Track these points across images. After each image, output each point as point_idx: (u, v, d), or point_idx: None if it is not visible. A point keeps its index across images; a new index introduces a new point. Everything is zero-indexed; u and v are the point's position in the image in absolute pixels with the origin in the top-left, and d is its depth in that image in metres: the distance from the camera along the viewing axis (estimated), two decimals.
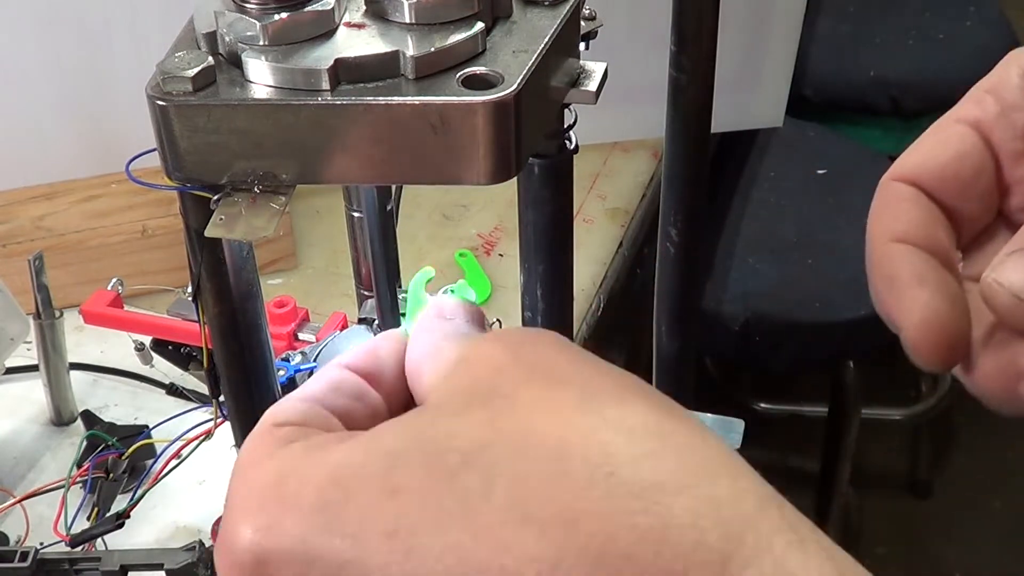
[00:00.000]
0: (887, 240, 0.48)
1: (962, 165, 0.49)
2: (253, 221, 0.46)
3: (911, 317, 0.45)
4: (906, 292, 0.46)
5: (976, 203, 0.49)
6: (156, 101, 0.45)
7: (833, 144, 1.77)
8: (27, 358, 0.94)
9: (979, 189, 0.49)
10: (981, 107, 0.50)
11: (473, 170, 0.45)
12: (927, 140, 0.50)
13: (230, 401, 0.58)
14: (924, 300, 0.45)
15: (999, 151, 0.49)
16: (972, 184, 0.49)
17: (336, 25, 0.46)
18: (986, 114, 0.50)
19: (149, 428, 0.86)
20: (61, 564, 0.68)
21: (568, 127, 0.53)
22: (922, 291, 0.46)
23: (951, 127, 0.50)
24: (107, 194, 1.08)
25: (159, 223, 1.06)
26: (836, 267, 1.52)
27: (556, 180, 0.53)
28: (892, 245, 0.48)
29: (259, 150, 0.46)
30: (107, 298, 0.85)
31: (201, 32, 0.47)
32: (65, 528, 0.75)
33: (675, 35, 0.68)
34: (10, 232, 1.06)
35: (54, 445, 0.91)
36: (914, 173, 0.49)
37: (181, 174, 0.47)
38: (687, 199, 0.73)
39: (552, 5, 0.48)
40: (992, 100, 0.50)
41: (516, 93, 0.44)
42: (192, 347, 0.80)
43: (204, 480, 0.87)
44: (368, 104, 0.44)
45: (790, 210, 1.62)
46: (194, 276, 0.53)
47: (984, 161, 0.49)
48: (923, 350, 0.45)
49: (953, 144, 0.50)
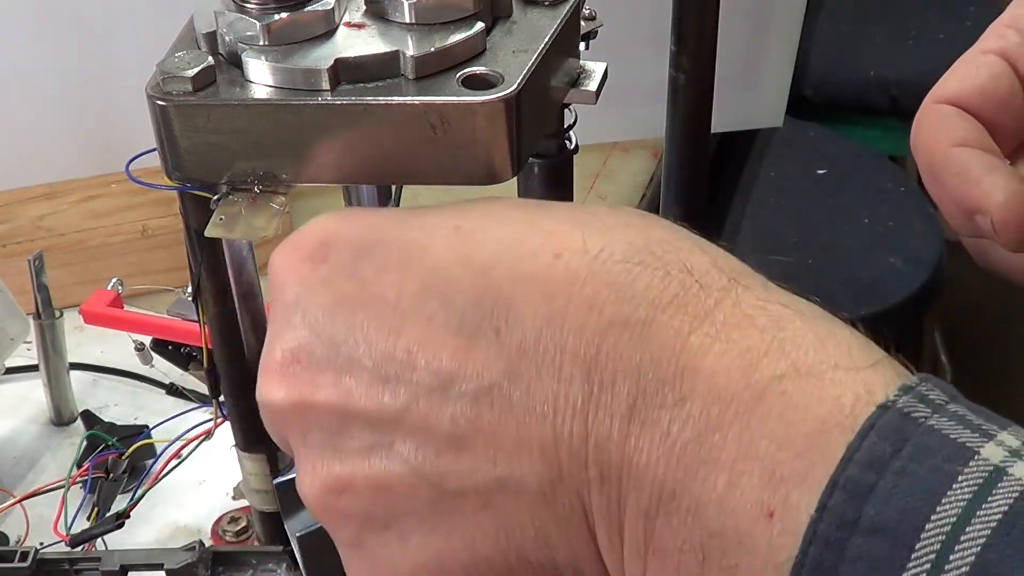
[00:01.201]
0: (948, 147, 0.52)
1: (998, 84, 0.53)
2: (253, 221, 0.46)
3: (995, 197, 0.49)
4: (984, 178, 0.50)
5: (1013, 119, 0.53)
6: (156, 101, 0.45)
7: (833, 144, 1.77)
8: (27, 358, 0.94)
9: (1015, 106, 0.53)
10: (1004, 39, 0.54)
11: (473, 170, 0.45)
12: (960, 68, 0.55)
13: (230, 401, 0.58)
14: (1003, 183, 0.49)
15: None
16: (1009, 101, 0.53)
17: (336, 25, 0.46)
18: (1009, 44, 0.54)
19: (149, 428, 0.86)
20: (61, 564, 0.68)
21: (568, 127, 0.53)
22: (999, 176, 0.50)
23: (979, 57, 0.55)
24: (107, 194, 1.08)
25: (159, 223, 1.06)
26: (836, 267, 1.52)
27: (556, 180, 0.53)
28: (955, 149, 0.52)
29: (259, 150, 0.46)
30: (107, 298, 0.85)
31: (201, 32, 0.47)
32: (65, 528, 0.75)
33: (675, 35, 0.68)
34: (10, 232, 1.06)
35: (54, 445, 0.91)
36: (956, 95, 0.53)
37: (181, 174, 0.47)
38: (687, 199, 0.73)
39: (552, 5, 0.48)
40: (1013, 32, 0.54)
41: (516, 93, 0.44)
42: (192, 347, 0.80)
43: (204, 480, 0.86)
44: (368, 104, 0.44)
45: (790, 210, 1.62)
46: (194, 276, 0.53)
47: (1014, 82, 0.53)
48: (1011, 226, 0.49)
49: (985, 68, 0.54)
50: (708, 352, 0.36)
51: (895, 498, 0.32)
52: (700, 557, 0.35)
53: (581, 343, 0.38)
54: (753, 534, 0.34)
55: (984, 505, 0.32)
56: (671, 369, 0.37)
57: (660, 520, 0.36)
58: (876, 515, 0.32)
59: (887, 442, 0.33)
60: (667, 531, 0.36)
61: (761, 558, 0.34)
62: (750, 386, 0.36)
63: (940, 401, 0.35)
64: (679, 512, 0.36)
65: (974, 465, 0.33)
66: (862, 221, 1.59)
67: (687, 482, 0.36)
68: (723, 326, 0.37)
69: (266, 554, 0.67)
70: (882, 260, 1.53)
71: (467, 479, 0.39)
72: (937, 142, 0.52)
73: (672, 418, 0.36)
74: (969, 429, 0.34)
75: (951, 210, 0.52)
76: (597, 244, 0.39)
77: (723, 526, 0.35)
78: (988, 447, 0.33)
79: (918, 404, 0.34)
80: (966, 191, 0.50)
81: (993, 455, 0.33)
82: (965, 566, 0.31)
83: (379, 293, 0.41)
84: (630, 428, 0.37)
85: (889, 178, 1.65)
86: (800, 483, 0.34)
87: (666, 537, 0.36)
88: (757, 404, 0.35)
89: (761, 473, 0.34)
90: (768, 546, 0.34)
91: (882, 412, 0.34)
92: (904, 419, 0.34)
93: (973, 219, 0.50)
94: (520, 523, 0.39)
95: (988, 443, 0.33)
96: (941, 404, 0.34)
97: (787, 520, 0.34)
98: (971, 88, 0.53)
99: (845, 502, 0.33)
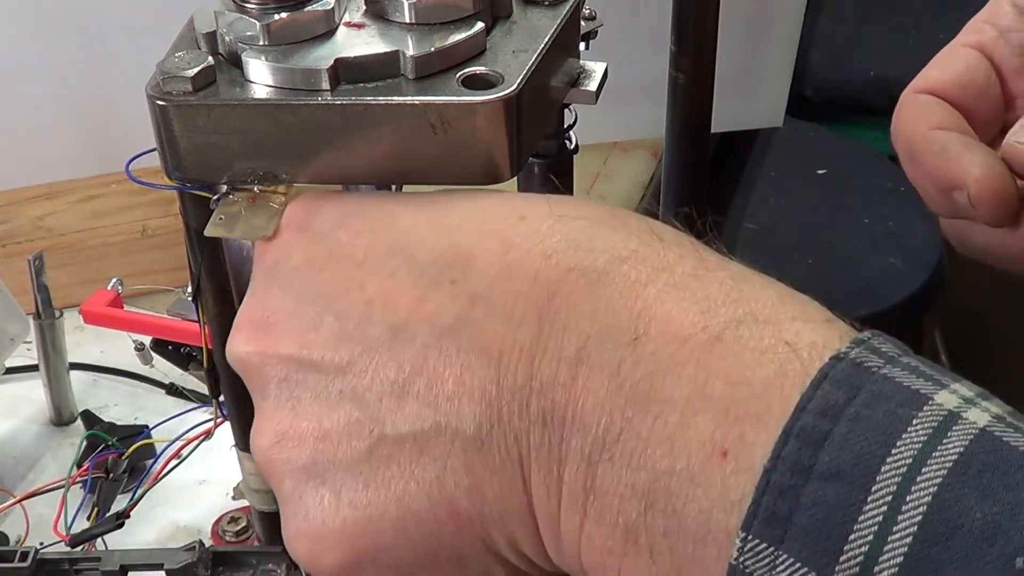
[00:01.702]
0: (927, 129, 0.54)
1: (975, 75, 0.55)
2: (253, 221, 0.46)
3: (972, 172, 0.51)
4: (962, 155, 0.51)
5: (990, 108, 0.55)
6: (156, 101, 0.45)
7: (833, 144, 1.77)
8: (27, 358, 0.94)
9: (992, 96, 0.55)
10: (981, 33, 0.56)
11: (473, 170, 0.45)
12: (939, 61, 0.57)
13: (230, 401, 0.58)
14: (980, 160, 0.51)
15: (1000, 67, 0.56)
16: (985, 90, 0.55)
17: (336, 25, 0.46)
18: (986, 38, 0.56)
19: (149, 428, 0.86)
20: (61, 564, 0.68)
21: (568, 127, 0.53)
22: (976, 154, 0.51)
23: (958, 50, 0.57)
24: (107, 194, 1.08)
25: (159, 223, 1.06)
26: (836, 267, 1.52)
27: (556, 180, 0.53)
28: (934, 131, 0.53)
29: (259, 150, 0.46)
30: (107, 298, 0.85)
31: (201, 32, 0.47)
32: (65, 528, 0.75)
33: (675, 35, 0.68)
34: (10, 232, 1.06)
35: (54, 445, 0.91)
36: (935, 85, 0.56)
37: (181, 174, 0.47)
38: (687, 199, 0.73)
39: (552, 5, 0.48)
40: (990, 27, 0.56)
41: (516, 93, 0.44)
42: (192, 347, 0.80)
43: (204, 480, 0.86)
44: (368, 104, 0.44)
45: (790, 210, 1.62)
46: (194, 276, 0.53)
47: (991, 74, 0.56)
48: (987, 200, 0.50)
49: (963, 60, 0.56)
50: (665, 300, 0.36)
51: (850, 443, 0.32)
52: (642, 505, 0.35)
53: (535, 288, 0.38)
54: (705, 472, 0.34)
55: (939, 447, 0.32)
56: (625, 314, 0.37)
57: (603, 465, 0.36)
58: (831, 461, 0.32)
59: (841, 390, 0.33)
60: (610, 475, 0.36)
61: (711, 497, 0.34)
62: (707, 328, 0.36)
63: (893, 354, 0.35)
64: (624, 454, 0.35)
65: (928, 410, 0.33)
66: (862, 221, 1.59)
67: (635, 421, 0.35)
68: (681, 277, 0.37)
69: (266, 554, 0.67)
70: (882, 260, 1.53)
71: (406, 424, 0.39)
72: (917, 126, 0.54)
73: (622, 358, 0.36)
74: (923, 378, 0.34)
75: (929, 190, 0.53)
76: (562, 209, 0.40)
77: (672, 466, 0.34)
78: (942, 394, 0.33)
79: (871, 355, 0.34)
80: (944, 168, 0.52)
81: (947, 401, 0.33)
82: (922, 506, 0.31)
83: (349, 253, 0.42)
84: (578, 371, 0.37)
85: (889, 178, 1.65)
86: (756, 423, 0.34)
87: (608, 482, 0.36)
88: (714, 345, 0.35)
89: (716, 412, 0.34)
90: (721, 484, 0.34)
91: (835, 363, 0.34)
92: (857, 368, 0.34)
93: (951, 196, 0.52)
94: (454, 471, 0.39)
95: (942, 391, 0.33)
96: (894, 356, 0.35)
97: (741, 459, 0.34)
98: (950, 78, 0.55)
99: (799, 450, 0.33)
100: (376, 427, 0.40)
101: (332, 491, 0.41)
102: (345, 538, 0.41)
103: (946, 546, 0.30)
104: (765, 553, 0.33)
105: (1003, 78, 0.55)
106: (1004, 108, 0.56)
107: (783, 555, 0.32)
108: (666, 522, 0.35)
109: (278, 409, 0.43)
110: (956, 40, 0.57)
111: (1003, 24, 0.56)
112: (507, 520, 0.39)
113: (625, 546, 0.36)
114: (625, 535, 0.36)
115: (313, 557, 0.42)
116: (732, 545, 0.33)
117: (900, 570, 0.31)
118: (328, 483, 0.41)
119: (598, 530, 0.36)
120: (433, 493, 0.40)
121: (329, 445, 0.41)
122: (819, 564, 0.32)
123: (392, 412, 0.40)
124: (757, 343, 0.35)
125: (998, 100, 0.55)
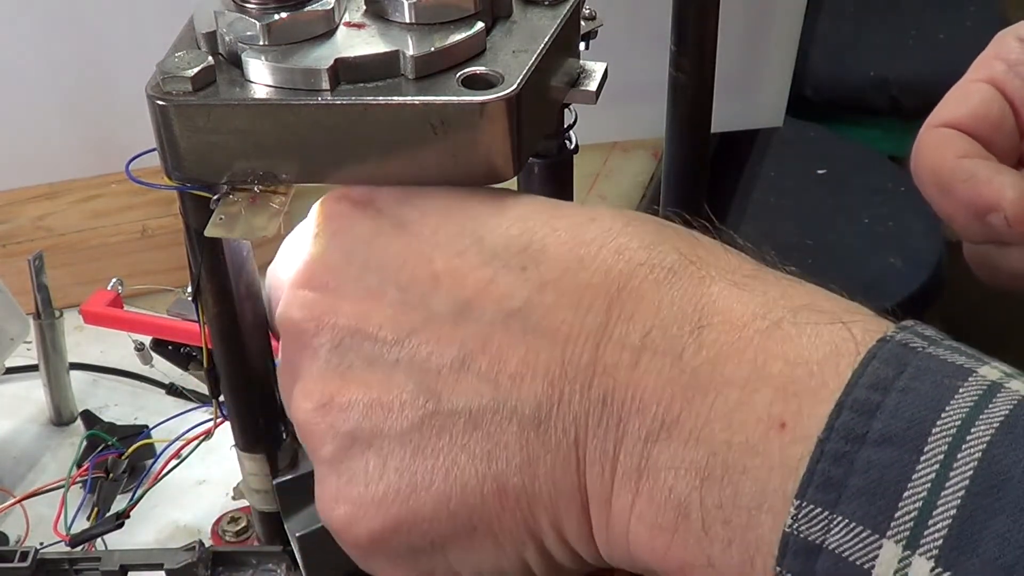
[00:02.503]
0: (954, 159, 0.55)
1: (989, 108, 0.57)
2: (253, 221, 0.46)
3: (1007, 194, 0.52)
4: (994, 179, 0.53)
5: (1006, 139, 0.57)
6: (156, 101, 0.45)
7: (833, 144, 1.77)
8: (27, 358, 0.94)
9: (1007, 127, 0.57)
10: (991, 68, 0.58)
11: (473, 170, 0.45)
12: (953, 96, 0.59)
13: (230, 401, 0.58)
14: (1012, 181, 0.53)
15: (1013, 100, 0.57)
16: (1001, 122, 0.57)
17: (336, 25, 0.46)
18: (996, 72, 0.58)
19: (149, 428, 0.86)
20: (61, 564, 0.68)
21: (568, 127, 0.53)
22: (1007, 176, 0.53)
23: (970, 85, 0.58)
24: (107, 194, 1.08)
25: (159, 223, 1.06)
26: (836, 267, 1.52)
27: (556, 180, 0.53)
28: (960, 160, 0.55)
29: (259, 150, 0.46)
30: (107, 298, 0.85)
31: (201, 32, 0.47)
32: (65, 528, 0.75)
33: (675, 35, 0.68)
34: (10, 232, 1.06)
35: (54, 445, 0.91)
36: (952, 119, 0.57)
37: (181, 174, 0.47)
38: (687, 199, 0.73)
39: (552, 5, 0.48)
40: (999, 62, 0.58)
41: (516, 93, 0.44)
42: (192, 347, 0.80)
43: (204, 480, 0.86)
44: (368, 104, 0.44)
45: (790, 210, 1.62)
46: (194, 276, 0.53)
47: (1004, 106, 0.57)
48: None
49: (977, 94, 0.57)
50: (727, 296, 0.38)
51: (901, 411, 0.34)
52: (698, 479, 0.36)
53: (606, 281, 0.39)
54: (764, 443, 0.35)
55: (986, 410, 0.33)
56: (690, 307, 0.38)
57: (660, 444, 0.37)
58: (883, 428, 0.34)
59: (889, 367, 0.35)
60: (666, 453, 0.37)
61: (770, 465, 0.35)
62: (767, 317, 0.38)
63: (935, 337, 0.37)
64: (682, 432, 0.37)
65: (973, 380, 0.34)
66: (862, 221, 1.59)
67: (695, 402, 0.37)
68: (743, 277, 0.39)
69: (266, 554, 0.67)
70: (882, 260, 1.53)
71: (463, 398, 0.40)
72: (941, 157, 0.55)
73: (685, 345, 0.37)
74: (964, 356, 0.36)
75: (961, 218, 0.54)
76: (630, 216, 0.42)
77: (730, 439, 0.36)
78: (984, 368, 0.35)
79: (915, 337, 0.36)
80: (977, 192, 0.53)
81: (989, 373, 0.35)
82: (972, 461, 0.32)
83: (418, 230, 0.43)
84: (641, 356, 0.38)
85: (889, 178, 1.65)
86: (812, 397, 0.35)
87: (663, 460, 0.37)
88: (773, 331, 0.37)
89: (774, 389, 0.36)
90: (780, 453, 0.35)
91: (882, 344, 0.36)
92: (903, 348, 0.36)
93: (986, 220, 0.53)
94: (508, 447, 0.40)
95: (984, 366, 0.35)
96: (936, 339, 0.37)
97: (799, 430, 0.35)
98: (965, 112, 0.57)
99: (852, 420, 0.34)
100: (431, 399, 0.41)
101: (378, 457, 0.42)
102: (386, 505, 0.42)
103: (996, 496, 0.32)
104: (820, 517, 0.34)
105: (1016, 110, 0.57)
106: (1020, 138, 0.57)
107: (838, 517, 0.33)
108: (722, 493, 0.36)
109: (327, 372, 0.43)
110: (966, 77, 0.58)
111: (1012, 58, 0.58)
112: (556, 500, 0.40)
113: (676, 521, 0.37)
114: (677, 510, 0.37)
115: (349, 522, 0.43)
116: (787, 513, 0.34)
117: (954, 521, 0.32)
118: (374, 449, 0.42)
119: (649, 507, 0.37)
120: (483, 468, 0.40)
121: (380, 413, 0.41)
122: (875, 522, 0.33)
123: (450, 386, 0.40)
124: (813, 328, 0.37)
125: (1013, 131, 0.57)
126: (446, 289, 0.41)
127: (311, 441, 0.44)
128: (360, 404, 0.42)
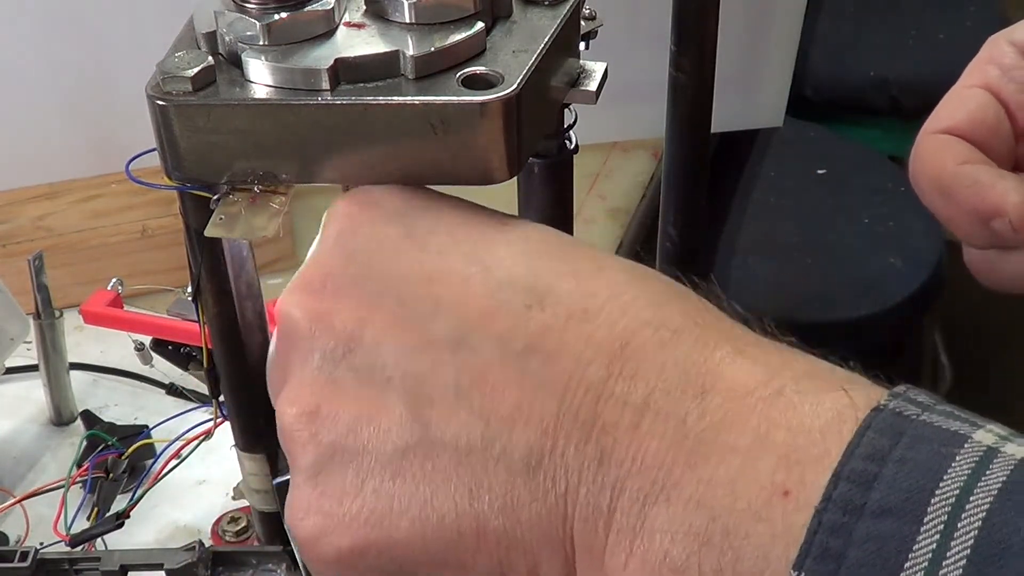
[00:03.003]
0: (955, 165, 0.55)
1: (986, 113, 0.57)
2: (253, 221, 0.46)
3: (1011, 198, 0.52)
4: (997, 183, 0.53)
5: (1003, 143, 0.57)
6: (156, 101, 0.45)
7: (833, 144, 1.77)
8: (27, 358, 0.94)
9: (1003, 131, 0.57)
10: (984, 73, 0.58)
11: (473, 170, 0.45)
12: (948, 102, 0.58)
13: (230, 401, 0.58)
14: (1015, 185, 0.52)
15: (1008, 104, 0.57)
16: (997, 127, 0.56)
17: (336, 25, 0.46)
18: (991, 77, 0.57)
19: (149, 428, 0.86)
20: (61, 564, 0.68)
21: (568, 127, 0.53)
22: (1010, 180, 0.53)
23: (964, 91, 0.58)
24: (107, 194, 1.08)
25: (159, 223, 1.06)
26: (836, 267, 1.52)
27: (556, 180, 0.53)
28: (962, 166, 0.54)
29: (259, 150, 0.46)
30: (107, 298, 0.85)
31: (201, 32, 0.47)
32: (65, 528, 0.75)
33: (675, 35, 0.68)
34: (10, 232, 1.06)
35: (54, 445, 0.91)
36: (949, 125, 0.56)
37: (181, 174, 0.47)
38: (687, 199, 0.73)
39: (552, 5, 0.48)
40: (992, 67, 0.58)
41: (516, 93, 0.44)
42: (192, 347, 0.80)
43: (204, 480, 0.87)
44: (368, 104, 0.44)
45: (790, 210, 1.62)
46: (194, 276, 0.53)
47: (1000, 111, 0.57)
48: None
49: (972, 100, 0.57)
50: (731, 362, 0.38)
51: (898, 482, 0.34)
52: (696, 544, 0.36)
53: (609, 336, 0.39)
54: (768, 509, 0.35)
55: (984, 477, 0.33)
56: (693, 371, 0.38)
57: (659, 506, 0.37)
58: (882, 499, 0.33)
59: (885, 437, 0.35)
60: (664, 515, 0.36)
61: (774, 532, 0.35)
62: (769, 385, 0.37)
63: (928, 403, 0.36)
64: (682, 495, 0.36)
65: (968, 447, 0.34)
66: (862, 221, 1.59)
67: (698, 467, 0.36)
68: (745, 345, 0.39)
69: (266, 554, 0.67)
70: (882, 260, 1.53)
71: (452, 431, 0.39)
72: (943, 163, 0.55)
73: (688, 410, 0.37)
74: (959, 421, 0.35)
75: (964, 224, 0.54)
76: (638, 270, 0.42)
77: (732, 505, 0.35)
78: (979, 433, 0.35)
79: (908, 405, 0.36)
80: (980, 197, 0.53)
81: (984, 438, 0.35)
82: (973, 530, 0.32)
83: (424, 243, 0.42)
84: (643, 417, 0.37)
85: (889, 178, 1.65)
86: (815, 465, 0.35)
87: (660, 522, 0.36)
88: (776, 399, 0.37)
89: (778, 457, 0.35)
90: (783, 520, 0.35)
91: (876, 414, 0.35)
92: (898, 417, 0.35)
93: (990, 225, 0.52)
94: (492, 488, 0.39)
95: (978, 430, 0.35)
96: (929, 405, 0.36)
97: (803, 498, 0.35)
98: (962, 117, 0.56)
99: (850, 491, 0.34)
100: (419, 426, 0.40)
101: (357, 475, 0.41)
102: (358, 524, 0.41)
103: (999, 565, 0.31)
104: None
105: (1011, 114, 0.57)
106: (1016, 142, 0.57)
107: None
108: (721, 559, 0.35)
109: (318, 379, 0.42)
110: (960, 82, 0.58)
111: (1005, 63, 0.58)
112: (538, 548, 0.39)
113: None
114: (674, 574, 0.36)
115: (317, 536, 0.42)
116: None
117: None
118: (354, 466, 0.41)
119: (643, 569, 0.37)
120: (463, 504, 0.39)
121: (366, 431, 0.40)
122: None
123: (441, 416, 0.39)
124: (815, 396, 0.36)
125: (1009, 135, 0.57)
126: (446, 313, 0.40)
127: (291, 446, 0.43)
128: (347, 418, 0.41)
